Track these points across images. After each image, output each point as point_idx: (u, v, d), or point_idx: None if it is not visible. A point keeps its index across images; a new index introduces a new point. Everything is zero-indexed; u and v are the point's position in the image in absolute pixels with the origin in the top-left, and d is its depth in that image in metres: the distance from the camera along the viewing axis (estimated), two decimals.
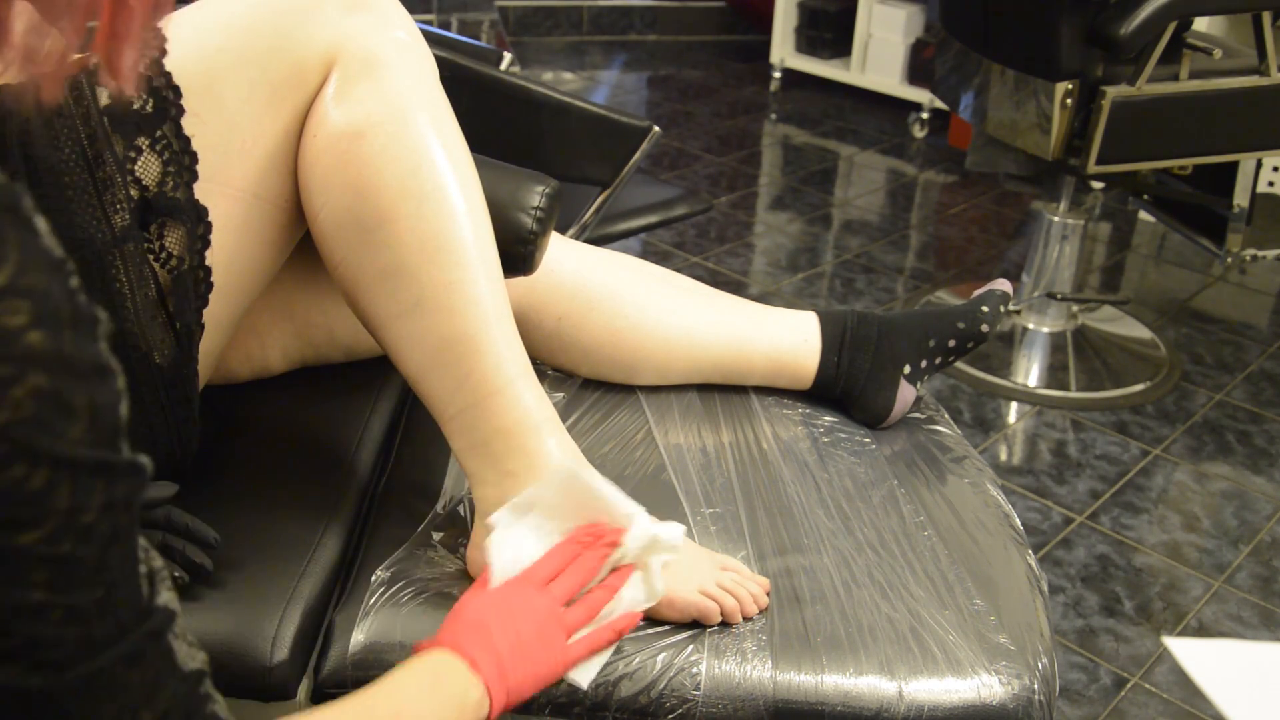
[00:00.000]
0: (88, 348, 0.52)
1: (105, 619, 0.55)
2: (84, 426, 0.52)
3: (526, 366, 0.97)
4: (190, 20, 0.94)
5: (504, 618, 0.84)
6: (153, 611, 0.58)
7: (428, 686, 0.79)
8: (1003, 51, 2.21)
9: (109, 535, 0.54)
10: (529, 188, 1.10)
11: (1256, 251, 2.39)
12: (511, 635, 0.83)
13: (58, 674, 0.54)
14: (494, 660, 0.81)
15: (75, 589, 0.53)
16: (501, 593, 0.87)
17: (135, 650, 0.57)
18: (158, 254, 0.91)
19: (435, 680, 0.79)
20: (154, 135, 0.90)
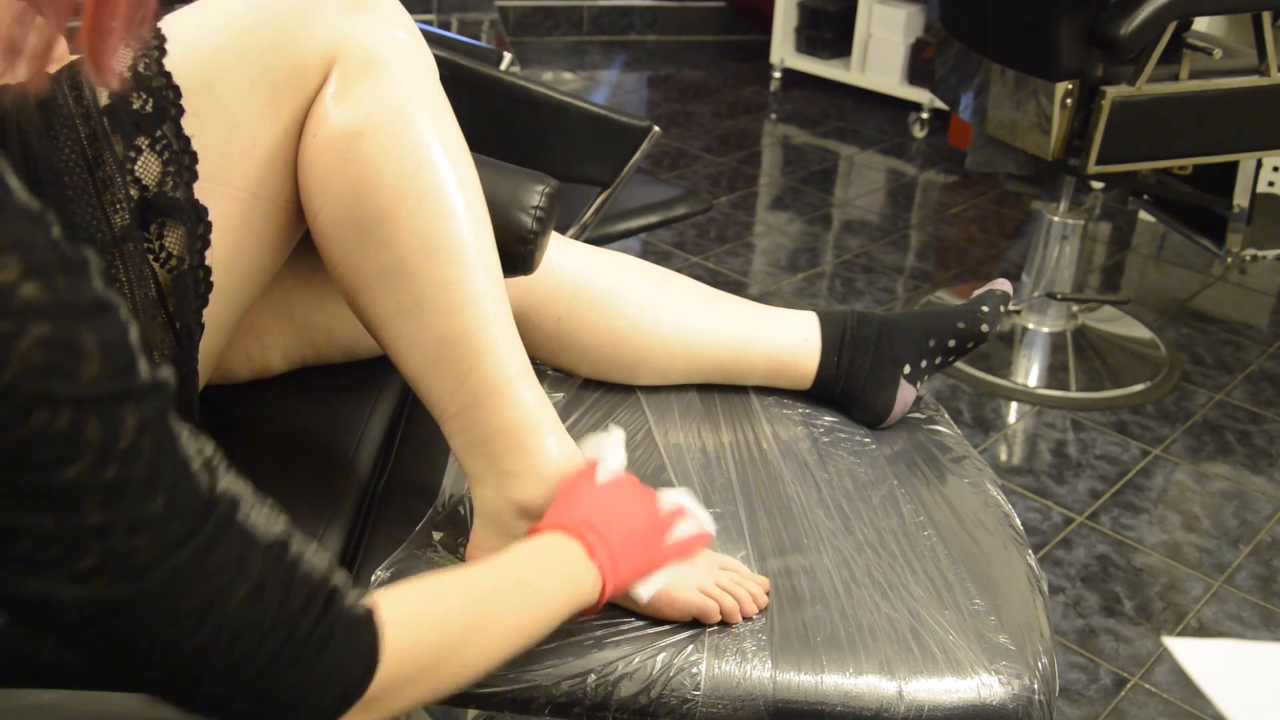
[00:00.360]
0: (83, 288, 0.55)
1: (171, 522, 0.59)
2: (97, 363, 0.54)
3: (526, 366, 0.97)
4: (190, 20, 0.94)
5: (617, 510, 0.89)
6: (216, 502, 0.62)
7: (549, 562, 0.83)
8: (1003, 51, 2.21)
9: (152, 450, 0.57)
10: (529, 187, 1.10)
11: (1256, 251, 2.39)
12: (623, 528, 0.88)
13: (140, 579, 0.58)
14: (607, 549, 0.85)
15: (132, 505, 0.56)
16: (614, 487, 0.92)
17: (209, 540, 0.61)
18: (157, 254, 0.91)
19: (556, 557, 0.84)
20: (154, 135, 0.90)
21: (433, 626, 0.73)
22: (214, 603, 0.61)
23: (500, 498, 0.96)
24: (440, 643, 0.73)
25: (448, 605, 0.75)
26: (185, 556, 0.59)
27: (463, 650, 0.75)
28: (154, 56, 0.91)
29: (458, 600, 0.76)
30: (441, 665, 0.74)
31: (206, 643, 0.61)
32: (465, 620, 0.75)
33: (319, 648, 0.65)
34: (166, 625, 0.60)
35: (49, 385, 0.52)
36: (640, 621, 0.93)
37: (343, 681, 0.67)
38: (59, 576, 0.56)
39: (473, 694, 0.89)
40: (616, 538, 0.86)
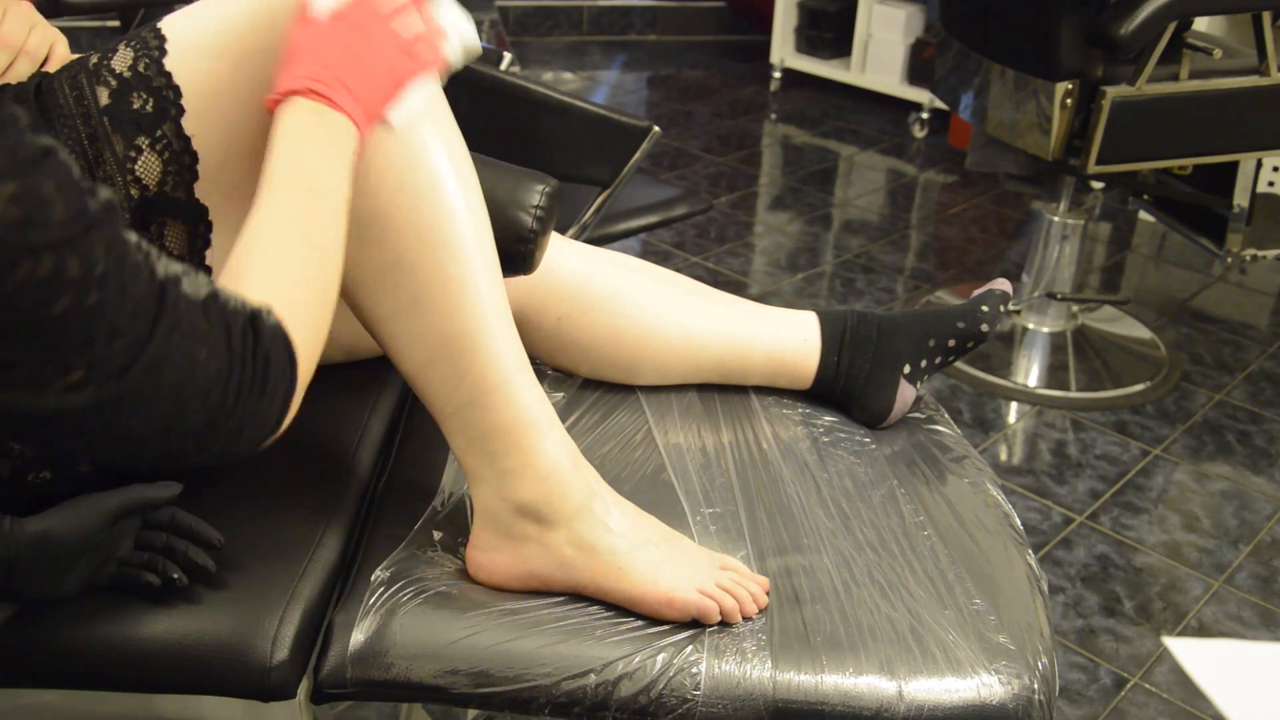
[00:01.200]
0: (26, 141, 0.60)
1: (138, 319, 0.66)
2: (60, 204, 0.60)
3: (525, 364, 0.97)
4: (190, 20, 0.94)
5: (345, 46, 0.87)
6: (164, 287, 0.68)
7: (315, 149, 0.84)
8: (1003, 51, 2.21)
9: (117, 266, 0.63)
10: (529, 187, 1.10)
11: (1256, 251, 2.39)
12: (356, 62, 0.87)
13: (124, 375, 0.66)
14: (349, 94, 0.85)
15: (107, 316, 0.63)
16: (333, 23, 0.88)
17: (169, 324, 0.68)
18: None
19: (317, 139, 0.84)
20: (154, 135, 0.90)
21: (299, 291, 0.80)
22: (187, 372, 0.69)
23: (499, 496, 0.96)
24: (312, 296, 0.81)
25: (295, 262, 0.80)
26: (156, 345, 0.67)
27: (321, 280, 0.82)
28: (154, 56, 0.91)
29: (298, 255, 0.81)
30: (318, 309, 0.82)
31: (188, 403, 0.70)
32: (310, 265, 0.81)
33: (264, 371, 0.74)
34: (155, 404, 0.68)
35: (27, 236, 0.58)
36: (640, 621, 0.93)
37: (284, 384, 0.76)
38: (56, 390, 0.63)
39: (473, 694, 0.89)
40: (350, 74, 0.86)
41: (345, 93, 0.85)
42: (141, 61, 0.90)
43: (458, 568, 0.98)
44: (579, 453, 0.98)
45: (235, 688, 0.88)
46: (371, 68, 0.87)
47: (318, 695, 0.91)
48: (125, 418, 0.67)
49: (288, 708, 0.92)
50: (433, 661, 0.90)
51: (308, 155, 0.83)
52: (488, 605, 0.94)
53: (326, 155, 0.84)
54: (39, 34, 0.99)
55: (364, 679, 0.90)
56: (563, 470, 0.96)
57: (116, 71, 0.90)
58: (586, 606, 0.95)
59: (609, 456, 1.12)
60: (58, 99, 0.89)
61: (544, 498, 0.95)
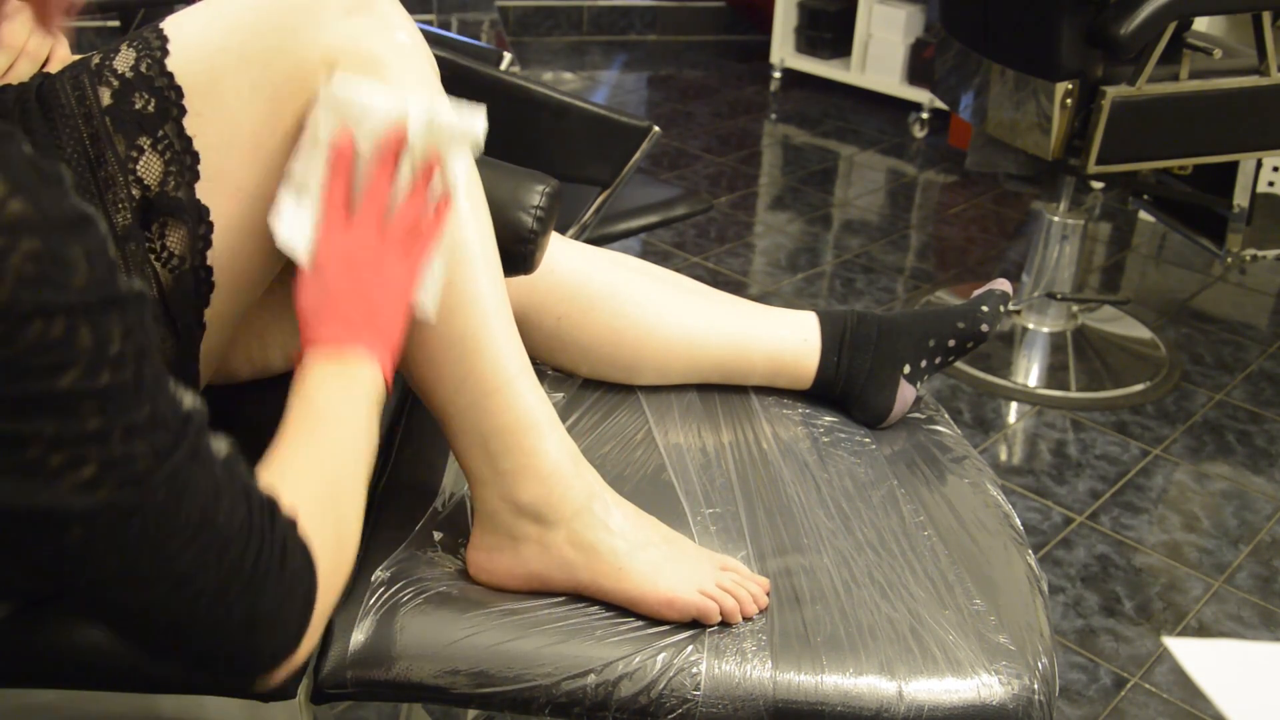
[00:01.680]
0: (65, 202, 0.58)
1: (159, 428, 0.62)
2: (85, 273, 0.57)
3: (526, 365, 0.97)
4: (192, 20, 0.94)
5: (340, 294, 0.85)
6: (190, 415, 0.65)
7: (341, 393, 0.83)
8: (1003, 51, 2.21)
9: (136, 355, 0.60)
10: (529, 187, 1.10)
11: (1256, 251, 2.39)
12: (357, 304, 0.85)
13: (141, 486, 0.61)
14: (360, 339, 0.84)
15: (124, 410, 0.60)
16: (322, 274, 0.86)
17: (193, 448, 0.64)
18: (159, 253, 0.91)
19: (340, 385, 0.83)
20: (156, 135, 0.90)
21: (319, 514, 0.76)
22: (206, 512, 0.64)
23: (500, 496, 0.96)
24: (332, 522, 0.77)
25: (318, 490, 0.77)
26: (178, 463, 0.62)
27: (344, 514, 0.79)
28: (156, 57, 0.91)
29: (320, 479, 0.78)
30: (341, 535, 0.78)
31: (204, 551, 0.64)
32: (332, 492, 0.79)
33: (281, 557, 0.69)
34: (168, 536, 0.62)
35: (42, 296, 0.55)
36: (640, 621, 0.93)
37: (303, 587, 0.71)
38: (65, 487, 0.58)
39: (473, 694, 0.90)
40: (357, 317, 0.85)
41: (362, 338, 0.84)
42: (144, 61, 0.91)
43: (458, 568, 0.98)
44: (579, 453, 0.98)
45: (235, 687, 0.88)
46: (381, 299, 0.86)
47: (318, 695, 0.91)
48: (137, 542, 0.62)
49: (288, 708, 0.92)
50: (433, 661, 0.90)
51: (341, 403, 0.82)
52: (488, 605, 0.94)
53: (359, 404, 0.83)
54: (40, 35, 0.99)
55: (364, 679, 0.90)
56: (563, 471, 0.96)
57: (118, 71, 0.90)
58: (586, 607, 0.95)
59: (609, 456, 1.12)
60: (59, 99, 0.89)
61: (544, 498, 0.95)
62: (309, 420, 0.81)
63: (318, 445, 0.80)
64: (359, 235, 0.87)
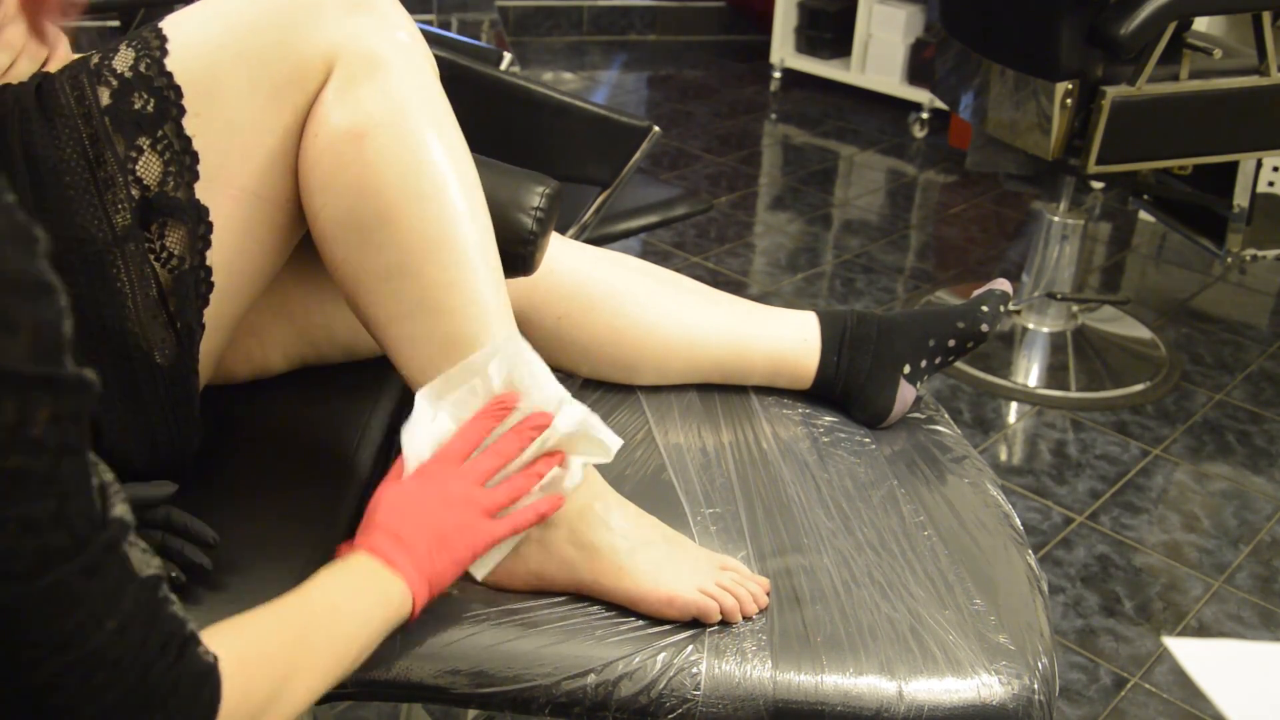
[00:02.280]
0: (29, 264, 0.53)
1: (60, 530, 0.56)
2: (28, 342, 0.52)
3: None
4: (192, 20, 0.94)
5: (419, 510, 0.86)
6: (108, 523, 0.60)
7: (355, 584, 0.82)
8: (1003, 51, 2.21)
9: (58, 448, 0.55)
10: (529, 188, 1.10)
11: (1256, 251, 2.39)
12: (427, 528, 0.85)
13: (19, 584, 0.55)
14: (410, 558, 0.84)
15: (27, 500, 0.54)
16: (415, 483, 0.88)
17: (93, 561, 0.58)
18: (159, 254, 0.91)
19: (361, 578, 0.82)
20: (155, 135, 0.90)
21: (259, 673, 0.72)
22: (82, 630, 0.59)
23: None
24: (267, 688, 0.72)
25: (269, 649, 0.74)
26: (68, 573, 0.57)
27: (288, 690, 0.74)
28: (156, 56, 0.91)
29: (277, 642, 0.75)
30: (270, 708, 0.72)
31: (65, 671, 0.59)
32: (287, 661, 0.75)
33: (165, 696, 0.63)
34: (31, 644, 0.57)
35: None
36: (640, 621, 0.93)
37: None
38: None
39: (473, 694, 0.89)
40: (420, 539, 0.85)
41: (408, 558, 0.84)
42: (143, 61, 0.90)
43: None
44: None
45: None
46: (450, 545, 0.86)
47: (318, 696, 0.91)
48: None
49: None
50: (433, 661, 0.90)
51: (351, 597, 0.81)
52: (488, 605, 0.94)
53: (369, 609, 0.82)
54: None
55: (364, 679, 0.90)
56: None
57: (118, 71, 0.90)
58: (586, 606, 0.95)
59: None
60: (58, 99, 0.89)
61: None
62: (317, 595, 0.80)
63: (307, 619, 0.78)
64: (465, 480, 0.89)
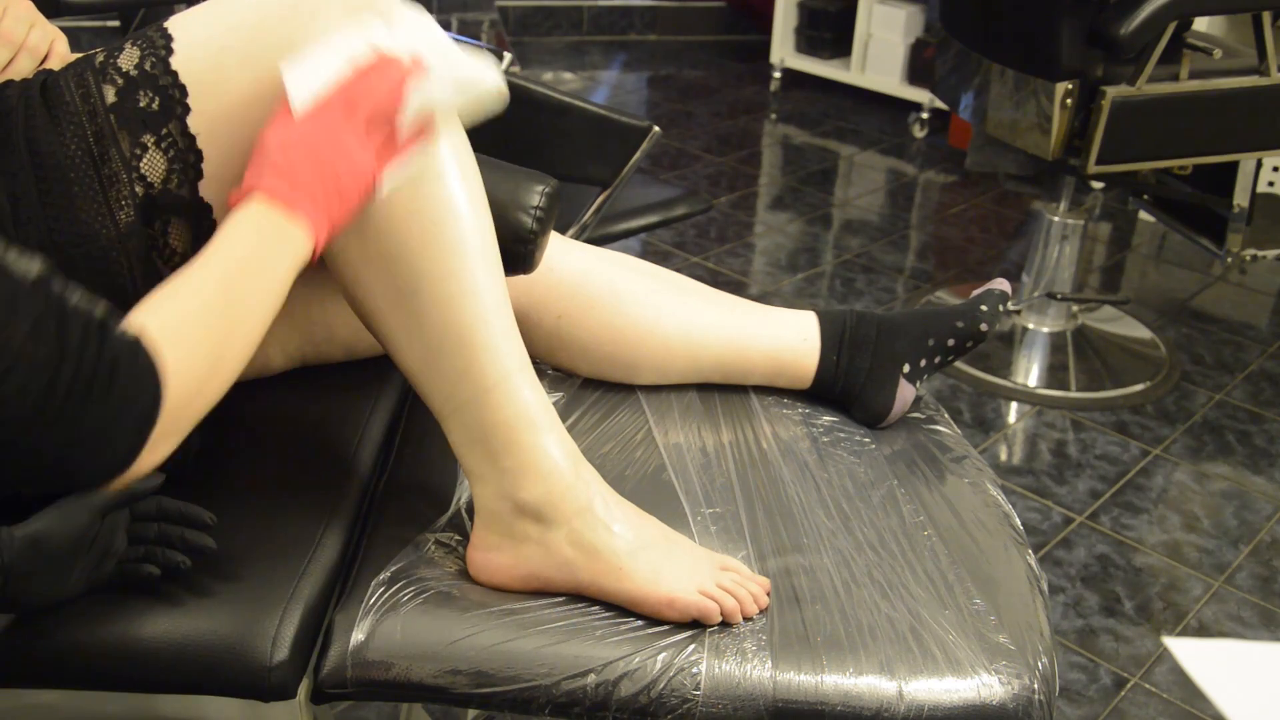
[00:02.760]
0: None
1: None
2: None
3: (526, 362, 0.97)
4: (197, 19, 0.94)
5: (312, 152, 0.85)
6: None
7: (259, 238, 0.82)
8: (1003, 51, 2.21)
9: None
10: (529, 187, 1.10)
11: (1256, 251, 2.39)
12: (321, 169, 0.85)
13: None
14: (309, 199, 0.83)
15: None
16: (306, 125, 0.86)
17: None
18: (162, 251, 0.91)
19: (264, 230, 0.82)
20: (160, 133, 0.90)
21: (195, 332, 0.75)
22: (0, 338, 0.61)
23: (500, 495, 0.96)
24: (208, 346, 0.76)
25: (199, 310, 0.77)
26: None
27: (228, 347, 0.78)
28: (161, 55, 0.91)
29: (204, 302, 0.78)
30: (217, 365, 0.77)
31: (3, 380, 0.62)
32: (220, 317, 0.78)
33: (107, 378, 0.66)
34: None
35: None
36: (640, 621, 0.93)
37: (138, 407, 0.69)
38: None
39: (473, 694, 0.90)
40: (315, 180, 0.84)
41: (307, 205, 0.84)
42: (148, 60, 0.91)
43: (458, 568, 0.98)
44: (579, 453, 0.98)
45: (235, 688, 0.88)
46: (339, 175, 0.86)
47: (318, 695, 0.91)
48: None
49: (288, 708, 0.92)
50: (433, 661, 0.90)
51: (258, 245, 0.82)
52: (488, 605, 0.94)
53: (273, 258, 0.82)
54: (39, 31, 0.99)
55: (364, 679, 0.90)
56: (563, 470, 0.96)
57: (123, 70, 0.90)
58: (587, 606, 0.95)
59: (609, 456, 1.12)
60: (63, 96, 0.89)
61: (545, 497, 0.95)
62: (225, 252, 0.81)
63: (223, 277, 0.80)
64: (351, 121, 0.87)
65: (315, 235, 0.84)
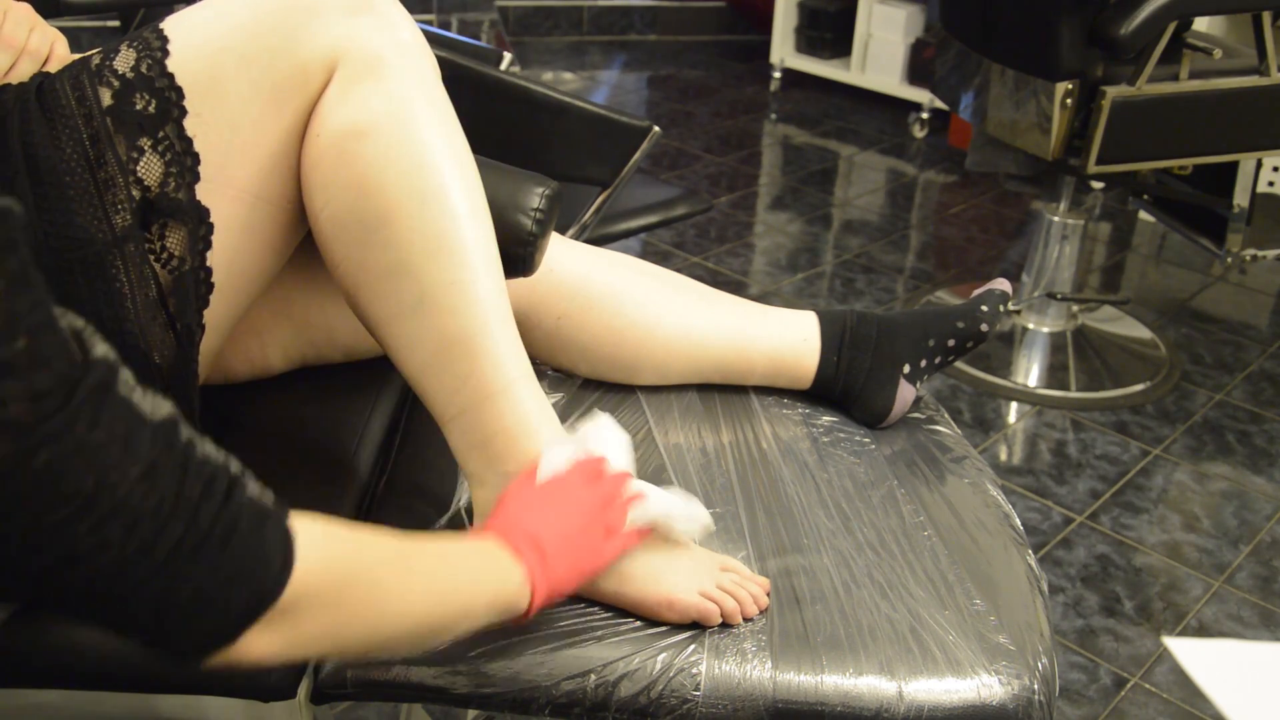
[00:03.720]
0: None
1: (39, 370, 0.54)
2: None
3: (527, 368, 0.97)
4: (193, 21, 0.94)
5: (550, 511, 0.87)
6: (91, 364, 0.57)
7: (474, 555, 0.81)
8: (1003, 51, 2.21)
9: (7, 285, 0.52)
10: (529, 189, 1.10)
11: (1256, 251, 2.39)
12: (557, 529, 0.86)
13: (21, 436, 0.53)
14: (538, 554, 0.83)
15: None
16: (549, 486, 0.89)
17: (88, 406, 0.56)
18: (159, 254, 0.91)
19: (482, 554, 0.82)
20: (156, 136, 0.90)
21: (347, 553, 0.70)
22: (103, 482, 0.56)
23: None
24: (353, 573, 0.69)
25: (364, 542, 0.73)
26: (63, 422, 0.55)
27: (374, 593, 0.71)
28: (157, 57, 0.91)
29: (373, 543, 0.73)
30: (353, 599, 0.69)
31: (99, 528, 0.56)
32: (379, 562, 0.73)
33: (223, 539, 0.61)
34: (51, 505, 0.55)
35: None
36: (640, 622, 0.94)
37: (254, 580, 0.63)
38: None
39: (473, 694, 0.90)
40: (550, 540, 0.85)
41: (536, 555, 0.83)
42: (144, 62, 0.91)
43: None
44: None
45: (235, 687, 0.88)
46: (580, 540, 0.86)
47: (318, 695, 0.91)
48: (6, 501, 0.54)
49: (288, 708, 0.92)
50: (433, 661, 0.90)
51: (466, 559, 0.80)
52: None
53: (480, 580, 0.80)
54: (39, 34, 0.99)
55: (364, 679, 0.90)
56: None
57: (119, 72, 0.90)
58: (586, 607, 0.95)
59: None
60: (59, 99, 0.89)
61: None
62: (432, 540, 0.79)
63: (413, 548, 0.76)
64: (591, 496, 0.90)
65: (535, 590, 0.83)
